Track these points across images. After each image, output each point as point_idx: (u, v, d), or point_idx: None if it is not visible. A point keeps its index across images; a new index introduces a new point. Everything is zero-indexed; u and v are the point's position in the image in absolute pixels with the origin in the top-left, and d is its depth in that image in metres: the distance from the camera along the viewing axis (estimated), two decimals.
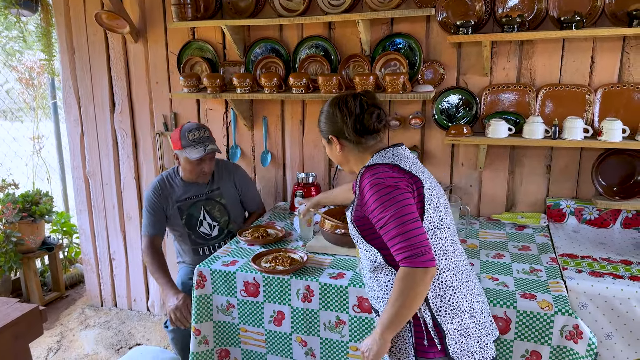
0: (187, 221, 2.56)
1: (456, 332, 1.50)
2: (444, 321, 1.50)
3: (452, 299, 1.51)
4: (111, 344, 3.17)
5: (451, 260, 1.54)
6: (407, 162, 1.55)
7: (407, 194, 1.47)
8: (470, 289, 1.56)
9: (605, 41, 2.32)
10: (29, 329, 1.92)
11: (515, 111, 2.46)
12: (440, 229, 1.53)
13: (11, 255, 3.37)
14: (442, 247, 1.53)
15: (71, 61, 3.21)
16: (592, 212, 2.47)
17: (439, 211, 1.55)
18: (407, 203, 1.45)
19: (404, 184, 1.48)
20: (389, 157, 1.55)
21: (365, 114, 1.59)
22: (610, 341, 1.89)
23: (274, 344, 2.08)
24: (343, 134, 1.62)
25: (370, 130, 1.60)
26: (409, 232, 1.42)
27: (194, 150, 2.38)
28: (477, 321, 1.54)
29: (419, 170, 1.55)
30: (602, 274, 1.95)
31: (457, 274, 1.54)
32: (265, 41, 2.79)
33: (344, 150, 1.66)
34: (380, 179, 1.48)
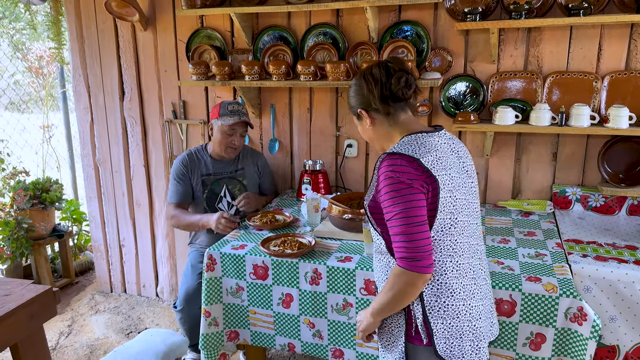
0: (208, 196, 2.67)
1: (446, 333, 1.48)
2: (434, 321, 1.47)
3: (447, 301, 1.48)
4: (121, 328, 3.22)
5: (457, 262, 1.49)
6: (433, 155, 1.45)
7: (420, 194, 1.41)
8: (472, 292, 1.51)
9: (612, 28, 2.32)
10: (43, 309, 1.97)
11: (522, 98, 2.48)
12: (451, 231, 1.47)
13: (22, 242, 3.42)
14: (450, 249, 1.47)
15: (81, 49, 3.24)
16: (597, 199, 2.48)
17: (455, 213, 1.47)
18: (417, 205, 1.40)
19: (419, 183, 1.41)
20: (414, 148, 1.45)
21: (392, 79, 1.50)
22: (614, 324, 1.92)
23: (283, 326, 2.12)
24: (371, 105, 1.54)
25: (399, 97, 1.51)
26: (412, 235, 1.39)
27: (229, 118, 2.53)
28: (472, 325, 1.50)
29: (443, 167, 1.45)
30: (607, 258, 1.97)
31: (460, 277, 1.49)
32: (273, 29, 2.81)
33: (375, 124, 1.57)
34: (395, 173, 1.41)
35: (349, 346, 2.05)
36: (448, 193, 1.44)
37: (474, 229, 1.55)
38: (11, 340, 1.84)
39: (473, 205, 1.54)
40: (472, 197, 1.54)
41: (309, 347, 2.12)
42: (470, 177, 1.56)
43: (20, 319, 1.87)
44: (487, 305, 1.58)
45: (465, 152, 1.59)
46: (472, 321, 1.50)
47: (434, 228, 1.45)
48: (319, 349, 2.10)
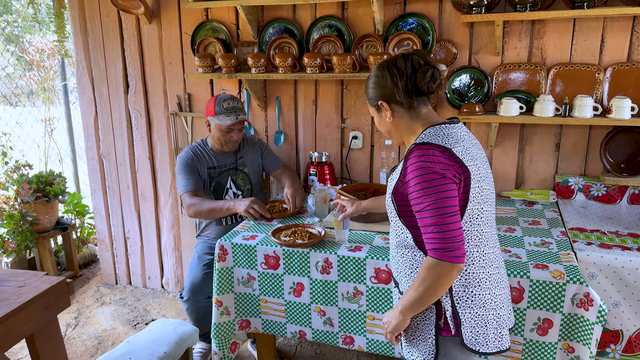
0: (215, 189, 2.69)
1: (473, 322, 1.49)
2: (462, 310, 1.48)
3: (475, 291, 1.49)
4: (128, 319, 3.25)
5: (483, 252, 1.50)
6: (462, 146, 1.45)
7: (453, 185, 1.40)
8: (496, 281, 1.53)
9: (615, 20, 2.36)
10: (57, 299, 2.00)
11: (526, 90, 2.51)
12: (478, 222, 1.47)
13: (27, 235, 3.43)
14: (477, 239, 1.48)
15: (84, 42, 3.24)
16: (599, 188, 2.53)
17: (482, 203, 1.47)
18: (450, 195, 1.39)
19: (452, 173, 1.40)
20: (443, 138, 1.44)
21: (417, 73, 1.47)
22: (617, 310, 1.97)
23: (294, 314, 2.16)
24: (393, 97, 1.51)
25: (424, 91, 1.49)
26: (446, 225, 1.38)
27: (226, 117, 2.52)
28: (496, 313, 1.52)
29: (471, 158, 1.45)
30: (611, 246, 2.02)
31: (486, 266, 1.51)
32: (278, 21, 2.83)
33: (395, 117, 1.55)
34: (428, 162, 1.39)
35: (359, 333, 2.09)
36: (477, 183, 1.44)
37: (493, 218, 1.56)
38: (28, 330, 1.86)
39: (493, 195, 1.55)
40: (492, 187, 1.56)
41: (320, 335, 2.16)
42: (489, 167, 1.58)
43: (36, 310, 1.89)
44: (507, 293, 1.61)
45: (479, 144, 1.60)
46: (496, 309, 1.52)
47: (463, 219, 1.44)
48: (330, 336, 2.14)
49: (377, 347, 2.09)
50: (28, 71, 4.40)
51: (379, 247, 2.07)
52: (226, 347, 2.29)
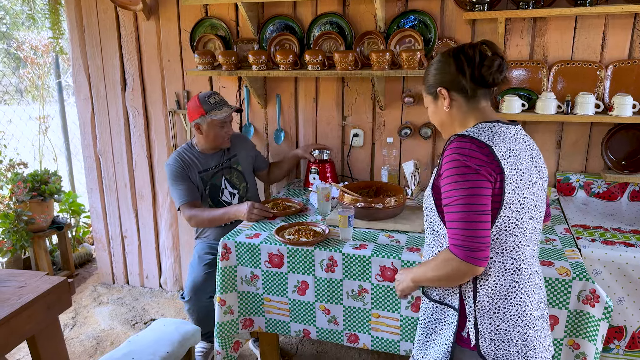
0: (210, 191, 2.63)
1: (492, 335, 1.40)
2: (482, 320, 1.40)
3: (500, 304, 1.40)
4: (126, 319, 3.22)
5: (518, 266, 1.40)
6: (507, 147, 1.36)
7: (486, 182, 1.31)
8: (530, 299, 1.42)
9: (616, 18, 2.37)
10: (58, 300, 1.97)
11: (528, 87, 2.52)
12: (515, 232, 1.38)
13: (22, 234, 3.39)
14: (512, 250, 1.39)
15: (81, 39, 3.20)
16: (600, 185, 2.54)
17: (522, 212, 1.37)
18: (483, 193, 1.31)
19: (487, 170, 1.31)
20: (487, 135, 1.36)
21: (485, 61, 1.39)
22: (621, 306, 1.99)
23: (298, 313, 2.15)
24: (457, 84, 1.43)
25: (489, 82, 1.41)
26: (473, 223, 1.30)
27: (219, 111, 2.48)
28: (523, 333, 1.40)
29: (515, 161, 1.35)
30: (615, 242, 2.03)
31: (520, 282, 1.40)
32: (279, 18, 2.81)
33: (452, 106, 1.46)
34: (463, 156, 1.32)
35: (364, 331, 2.09)
36: (516, 189, 1.35)
37: (537, 233, 1.47)
38: (30, 331, 1.84)
39: (540, 209, 1.45)
40: (540, 200, 1.45)
41: (325, 333, 2.15)
42: (542, 178, 1.46)
43: (37, 310, 1.86)
44: (542, 315, 1.48)
45: (538, 152, 1.49)
46: (523, 328, 1.41)
47: (496, 225, 1.36)
48: (335, 334, 2.14)
49: (382, 345, 2.09)
50: (22, 68, 4.34)
51: (384, 244, 2.06)
52: (229, 346, 2.27)
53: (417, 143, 2.78)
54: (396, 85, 2.73)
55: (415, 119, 2.75)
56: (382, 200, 2.20)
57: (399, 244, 2.07)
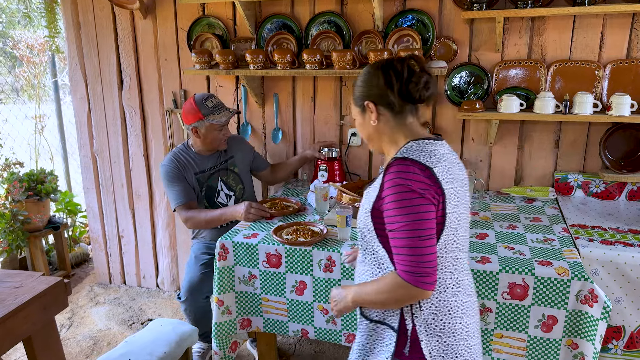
0: (206, 193, 2.61)
1: (441, 352, 1.40)
2: (429, 339, 1.39)
3: (445, 319, 1.40)
4: (123, 319, 3.21)
5: (457, 279, 1.43)
6: (443, 166, 1.36)
7: (431, 206, 1.31)
8: (468, 309, 1.45)
9: (614, 18, 2.37)
10: (55, 300, 1.96)
11: (526, 87, 2.52)
12: (453, 247, 1.40)
13: (18, 234, 3.37)
14: (451, 265, 1.41)
15: (77, 38, 3.18)
16: (598, 185, 2.54)
17: (458, 228, 1.40)
18: (427, 217, 1.30)
19: (431, 194, 1.31)
20: (425, 155, 1.35)
21: (413, 77, 1.38)
22: (620, 306, 1.98)
23: (296, 313, 2.14)
24: (384, 99, 1.41)
25: (415, 98, 1.40)
26: (421, 249, 1.30)
27: (218, 115, 2.45)
28: (467, 344, 1.43)
29: (451, 180, 1.37)
30: (613, 242, 2.03)
31: (459, 294, 1.43)
32: (276, 17, 2.79)
33: (380, 120, 1.44)
34: (406, 180, 1.30)
35: None
36: (454, 208, 1.37)
37: (467, 244, 1.50)
38: (26, 332, 1.82)
39: (468, 220, 1.48)
40: (468, 211, 1.48)
41: (323, 333, 2.14)
42: (468, 190, 1.49)
43: (34, 311, 1.85)
44: (478, 322, 1.51)
45: (462, 164, 1.50)
46: (467, 339, 1.43)
47: (438, 245, 1.36)
48: (333, 334, 2.13)
49: None
50: (18, 67, 4.31)
51: None
52: (227, 347, 2.26)
53: None
54: None
55: None
56: None
57: None
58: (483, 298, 1.88)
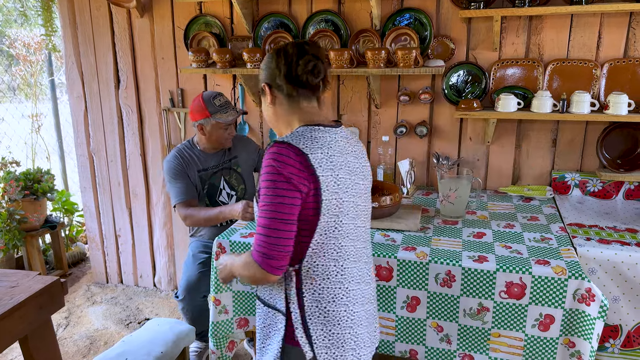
0: (208, 191, 2.60)
1: (327, 341, 1.42)
2: (314, 327, 1.41)
3: (329, 307, 1.42)
4: (120, 319, 3.20)
5: (341, 266, 1.43)
6: (324, 152, 1.37)
7: (296, 192, 1.32)
8: (355, 297, 1.46)
9: (612, 16, 2.37)
10: (51, 300, 1.95)
11: (524, 86, 2.52)
12: (335, 234, 1.41)
13: (15, 233, 3.36)
14: (335, 252, 1.42)
15: (74, 36, 3.17)
16: (595, 184, 2.55)
17: (340, 215, 1.40)
18: (289, 202, 1.32)
19: (299, 180, 1.32)
20: (306, 140, 1.37)
21: (300, 61, 1.40)
22: (617, 304, 1.98)
23: None
24: (275, 82, 1.45)
25: (303, 81, 1.42)
26: (276, 231, 1.32)
27: (224, 114, 2.45)
28: (354, 332, 1.45)
29: (331, 167, 1.37)
30: (610, 241, 2.03)
31: (345, 281, 1.44)
32: (274, 15, 2.79)
33: (275, 103, 1.47)
34: (277, 162, 1.32)
35: None
36: (333, 195, 1.37)
37: (361, 232, 1.49)
38: (22, 332, 1.82)
39: (361, 208, 1.48)
40: (362, 200, 1.48)
41: None
42: (365, 178, 1.50)
43: (30, 311, 1.84)
44: (369, 310, 1.53)
45: (362, 152, 1.52)
46: (353, 327, 1.45)
47: (317, 231, 1.38)
48: None
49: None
50: (14, 66, 4.30)
51: (380, 244, 2.05)
52: (224, 346, 2.26)
53: (412, 141, 2.78)
54: (392, 84, 2.72)
55: (410, 117, 2.74)
56: (377, 199, 2.19)
57: (395, 243, 2.06)
58: (480, 297, 1.88)
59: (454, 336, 1.95)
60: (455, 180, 2.26)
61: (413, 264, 1.92)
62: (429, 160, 2.79)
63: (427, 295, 1.94)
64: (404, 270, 1.94)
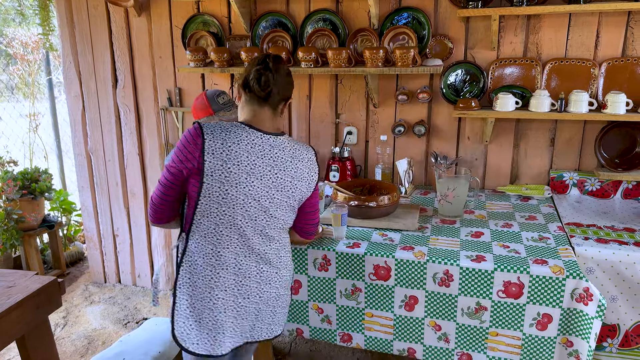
0: None
1: (188, 312, 1.58)
2: (180, 296, 1.60)
3: (197, 282, 1.58)
4: (118, 318, 3.19)
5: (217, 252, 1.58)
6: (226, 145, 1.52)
7: (181, 165, 1.53)
8: (225, 285, 1.59)
9: (610, 16, 2.37)
10: (48, 300, 1.95)
11: (522, 85, 2.51)
12: (216, 220, 1.55)
13: (13, 233, 3.35)
14: (212, 236, 1.57)
15: (71, 35, 3.16)
16: (593, 183, 2.54)
17: (224, 205, 1.54)
18: (172, 170, 1.55)
19: (188, 154, 1.52)
20: (216, 129, 1.54)
21: (253, 70, 1.60)
22: (615, 304, 1.98)
23: (291, 312, 2.13)
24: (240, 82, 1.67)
25: (250, 87, 1.61)
26: (156, 188, 1.62)
27: (228, 112, 2.42)
28: (214, 316, 1.58)
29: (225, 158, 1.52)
30: (608, 240, 2.03)
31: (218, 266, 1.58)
32: (272, 14, 2.78)
33: (240, 100, 1.68)
34: (183, 137, 1.56)
35: (357, 330, 2.07)
36: (217, 183, 1.51)
37: (252, 230, 1.59)
38: (19, 332, 1.81)
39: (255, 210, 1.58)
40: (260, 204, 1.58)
41: (318, 332, 2.14)
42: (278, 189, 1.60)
43: (27, 311, 1.84)
44: (246, 306, 1.63)
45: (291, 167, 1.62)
46: (214, 311, 1.58)
47: (198, 208, 1.55)
48: (328, 333, 2.12)
49: (375, 345, 2.08)
50: (12, 65, 4.28)
51: (378, 243, 2.05)
52: None
53: (410, 141, 2.77)
54: (390, 83, 2.72)
55: (409, 116, 2.74)
56: (375, 198, 2.19)
57: (393, 242, 2.06)
58: (478, 296, 1.88)
59: (452, 335, 1.95)
60: (454, 180, 2.25)
61: (411, 263, 1.92)
62: (427, 160, 2.79)
63: (425, 295, 1.94)
64: (402, 270, 1.94)
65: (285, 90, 1.65)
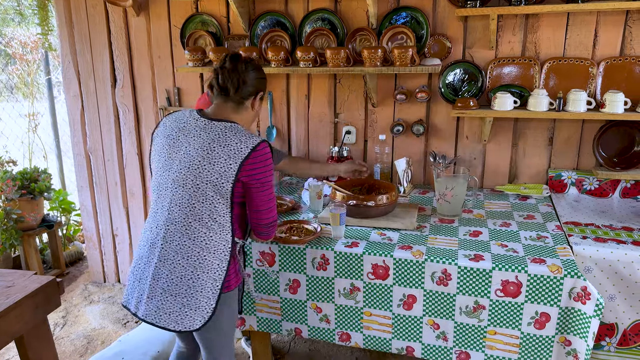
0: None
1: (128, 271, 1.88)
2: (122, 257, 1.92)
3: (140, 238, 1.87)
4: (117, 318, 3.20)
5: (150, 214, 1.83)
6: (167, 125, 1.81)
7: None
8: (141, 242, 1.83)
9: (608, 15, 2.37)
10: (47, 299, 1.95)
11: (520, 84, 2.51)
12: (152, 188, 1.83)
13: (12, 233, 3.35)
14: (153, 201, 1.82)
15: (70, 35, 3.16)
16: (592, 182, 2.55)
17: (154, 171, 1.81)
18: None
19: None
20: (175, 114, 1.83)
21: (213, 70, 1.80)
22: (613, 303, 1.99)
23: (289, 311, 2.14)
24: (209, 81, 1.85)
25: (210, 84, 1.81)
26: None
27: None
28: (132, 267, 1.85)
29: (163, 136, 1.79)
30: (606, 239, 2.03)
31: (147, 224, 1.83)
32: (270, 14, 2.78)
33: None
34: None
35: (356, 329, 2.08)
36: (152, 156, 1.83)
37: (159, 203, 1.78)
38: (18, 332, 1.81)
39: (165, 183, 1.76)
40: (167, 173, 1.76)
41: (316, 332, 2.14)
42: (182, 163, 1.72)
43: (25, 310, 1.84)
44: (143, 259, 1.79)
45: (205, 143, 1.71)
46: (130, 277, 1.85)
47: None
48: (326, 333, 2.13)
49: (373, 344, 2.08)
50: (11, 65, 4.29)
51: (376, 242, 2.05)
52: None
53: (409, 140, 2.78)
54: (388, 82, 2.72)
55: (407, 116, 2.74)
56: (374, 197, 2.19)
57: (391, 241, 2.06)
58: (476, 295, 1.88)
59: (450, 333, 1.96)
60: (452, 179, 2.26)
61: (409, 262, 1.93)
62: (425, 159, 2.79)
63: (424, 294, 1.94)
64: (400, 269, 1.94)
65: (249, 86, 1.78)
